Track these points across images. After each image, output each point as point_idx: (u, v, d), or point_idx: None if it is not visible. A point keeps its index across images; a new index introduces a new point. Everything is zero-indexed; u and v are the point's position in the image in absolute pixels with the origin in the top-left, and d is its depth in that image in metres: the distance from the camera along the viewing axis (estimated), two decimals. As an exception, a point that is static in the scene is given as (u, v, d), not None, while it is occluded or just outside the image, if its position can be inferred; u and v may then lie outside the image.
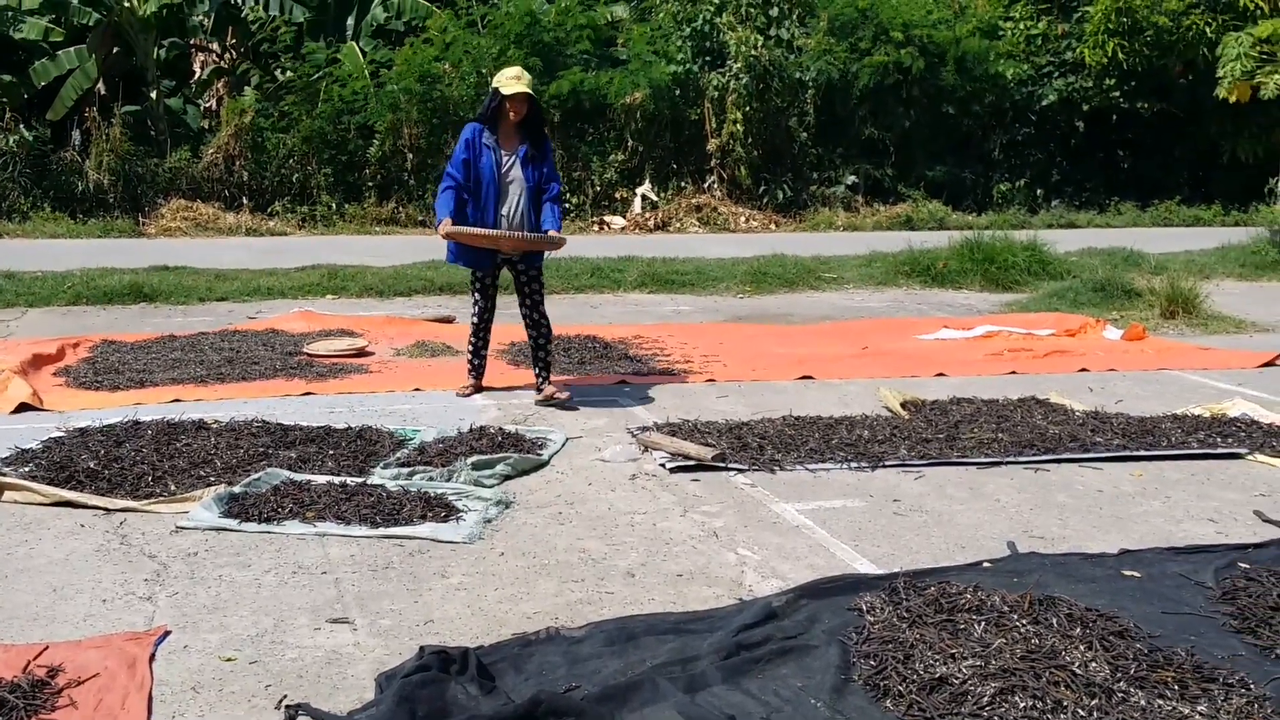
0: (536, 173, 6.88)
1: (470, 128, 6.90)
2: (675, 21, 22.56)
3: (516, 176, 6.84)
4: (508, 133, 6.88)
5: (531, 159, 6.87)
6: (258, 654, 3.66)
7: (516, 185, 6.84)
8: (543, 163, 6.93)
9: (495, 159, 6.80)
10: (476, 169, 6.77)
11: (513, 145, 6.88)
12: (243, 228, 19.13)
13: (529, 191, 6.85)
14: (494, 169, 6.78)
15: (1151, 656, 3.52)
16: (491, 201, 6.79)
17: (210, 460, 5.58)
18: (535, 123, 6.89)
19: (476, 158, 6.79)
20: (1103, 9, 22.81)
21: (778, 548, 4.66)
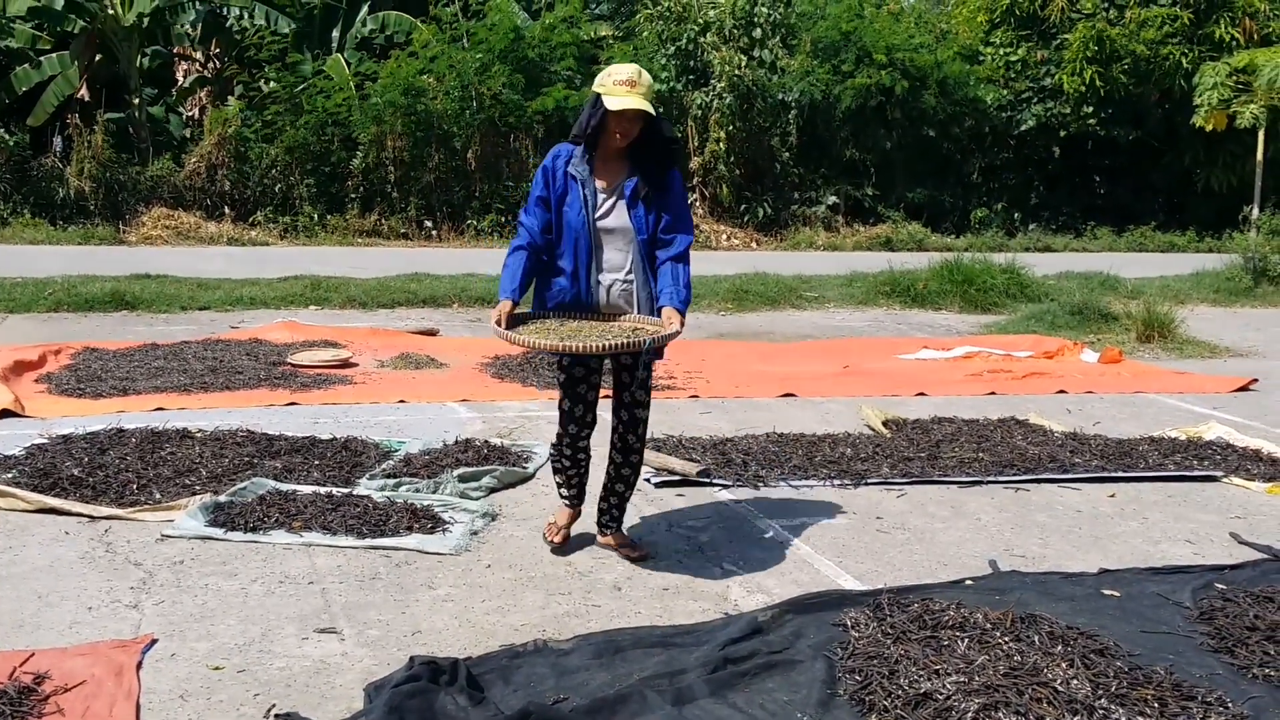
0: (653, 217, 4.54)
1: (553, 153, 4.60)
2: (659, 40, 22.68)
3: (620, 223, 4.50)
4: (610, 158, 4.55)
5: (644, 196, 4.52)
6: (245, 663, 3.67)
7: (621, 237, 4.51)
8: (663, 201, 4.56)
9: (587, 197, 4.48)
10: (559, 213, 4.51)
11: (616, 176, 4.54)
12: (224, 237, 19.09)
13: (640, 245, 4.51)
14: (585, 212, 4.47)
15: (1131, 675, 3.56)
16: (583, 262, 4.51)
17: (195, 469, 5.59)
18: (655, 145, 4.53)
19: (559, 196, 4.52)
20: (1081, 37, 23.07)
21: (762, 563, 4.70)
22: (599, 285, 4.57)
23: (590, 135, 4.51)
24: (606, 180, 4.57)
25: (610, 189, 4.57)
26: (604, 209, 4.55)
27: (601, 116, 4.42)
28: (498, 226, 21.25)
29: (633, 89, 4.39)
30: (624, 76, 4.39)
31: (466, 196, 21.43)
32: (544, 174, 4.59)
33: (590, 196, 4.52)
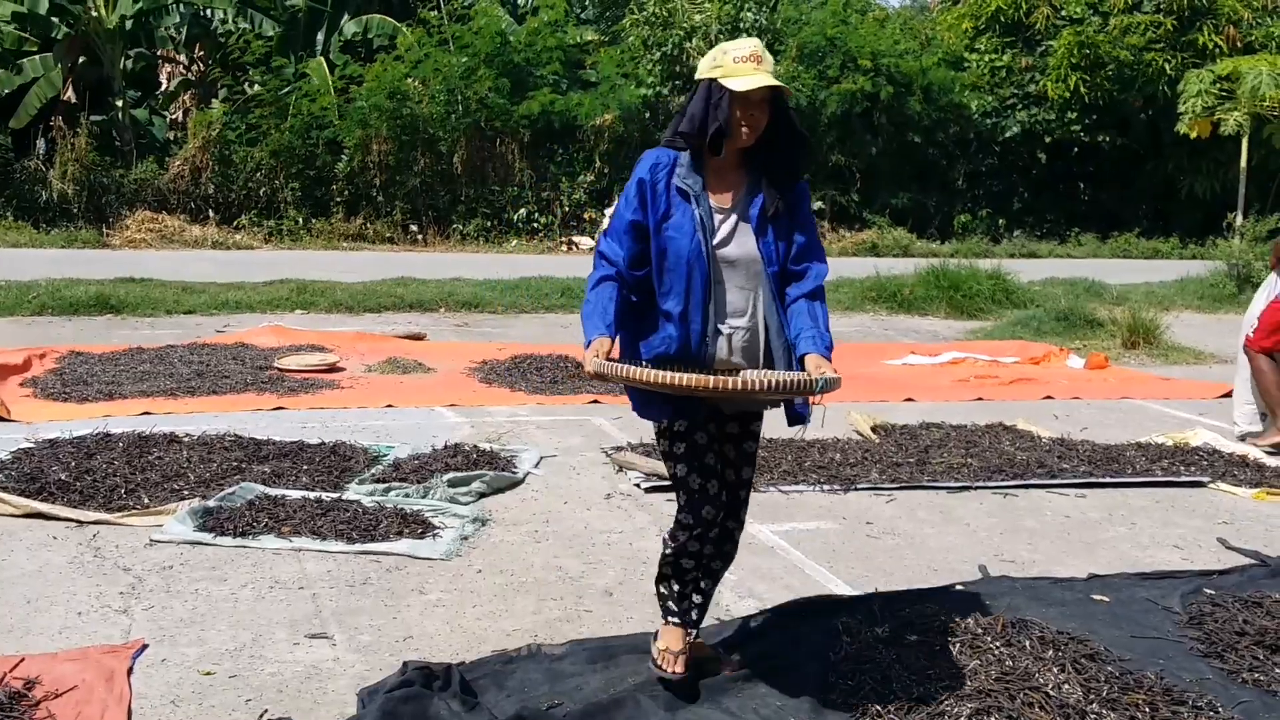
0: (783, 244, 3.48)
1: (649, 161, 3.47)
2: (645, 45, 22.72)
3: (745, 253, 3.44)
4: (726, 166, 3.47)
5: (774, 216, 3.46)
6: (237, 668, 3.65)
7: (745, 270, 3.44)
8: (793, 222, 3.51)
9: (702, 218, 3.39)
10: (662, 239, 3.40)
11: (734, 190, 3.48)
12: (208, 240, 19.05)
13: (771, 281, 3.45)
14: (700, 238, 3.38)
15: (1122, 679, 3.58)
16: (696, 303, 3.40)
17: (183, 473, 5.56)
18: (780, 145, 3.47)
19: (661, 218, 3.41)
20: (1066, 43, 23.20)
21: (753, 568, 4.70)
22: (718, 334, 3.42)
23: (705, 133, 3.36)
24: (723, 196, 3.46)
25: (729, 207, 3.45)
26: (723, 234, 3.43)
27: (725, 104, 3.33)
28: (483, 230, 21.25)
29: (760, 66, 3.34)
30: (746, 51, 3.36)
31: (452, 200, 21.43)
32: (640, 190, 3.42)
33: (706, 217, 3.40)
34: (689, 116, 3.43)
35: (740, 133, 3.37)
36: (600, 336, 3.26)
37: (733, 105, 3.33)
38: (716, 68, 3.37)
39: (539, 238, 21.38)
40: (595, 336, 3.27)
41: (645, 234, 3.41)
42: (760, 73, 3.33)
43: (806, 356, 3.36)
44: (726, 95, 3.32)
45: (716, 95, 3.34)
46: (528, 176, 21.78)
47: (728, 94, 3.32)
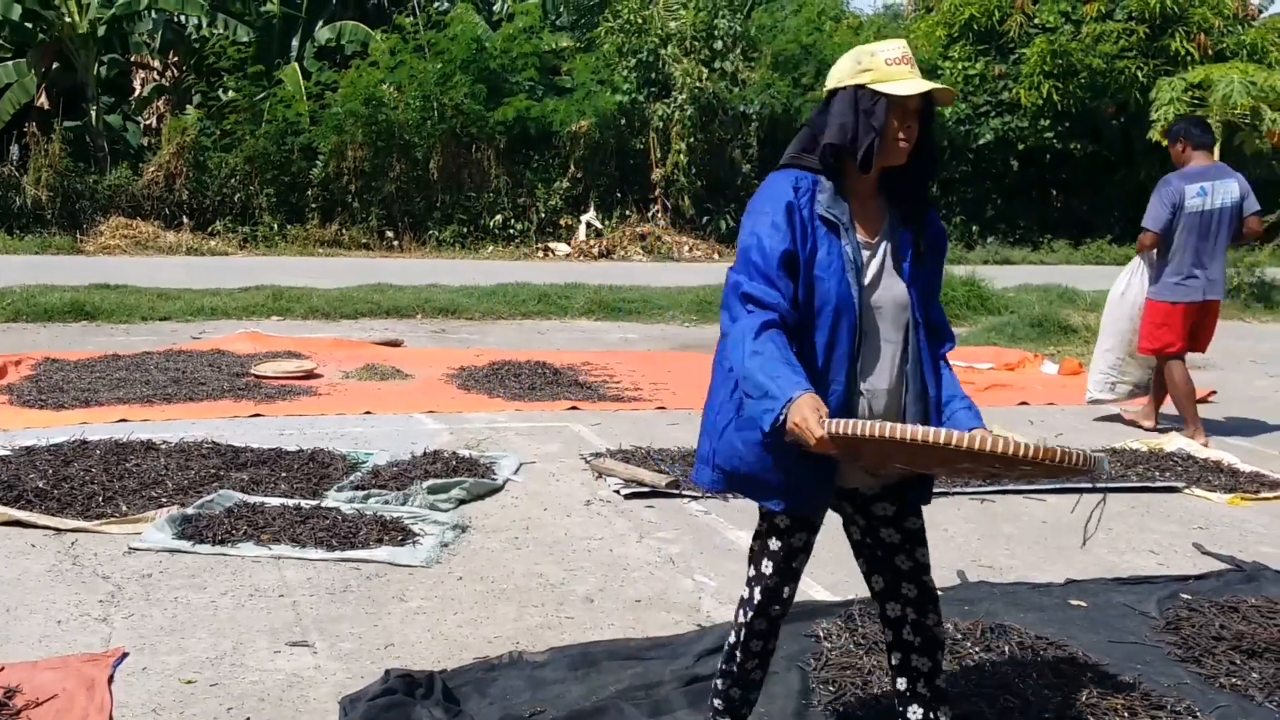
0: (920, 289, 3.01)
1: (786, 182, 2.94)
2: (620, 52, 22.76)
3: (894, 298, 2.96)
4: (866, 194, 2.99)
5: (921, 254, 3.01)
6: (218, 676, 3.65)
7: (893, 319, 2.96)
8: (934, 262, 3.07)
9: (850, 255, 2.89)
10: (810, 277, 2.88)
11: (878, 222, 3.00)
12: (183, 247, 18.97)
13: (918, 331, 2.99)
14: (850, 280, 2.88)
15: (1101, 685, 3.61)
16: (842, 357, 2.89)
17: (161, 481, 5.54)
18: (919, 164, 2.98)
19: (810, 252, 2.89)
20: (1039, 51, 23.35)
21: (733, 574, 4.71)
22: (861, 395, 2.91)
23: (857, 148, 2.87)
24: (866, 228, 2.96)
25: (874, 242, 2.96)
26: (871, 275, 2.93)
27: (881, 111, 2.85)
28: (459, 237, 21.23)
29: (914, 69, 2.92)
30: (899, 52, 2.92)
31: (428, 207, 21.41)
32: (789, 213, 2.87)
33: (854, 254, 2.89)
34: (838, 127, 2.89)
35: (897, 147, 2.89)
36: (804, 392, 2.66)
37: (888, 115, 2.86)
38: (864, 71, 2.90)
39: (515, 244, 21.38)
40: (796, 394, 2.65)
41: (798, 269, 2.86)
42: (916, 76, 2.91)
43: (973, 433, 2.72)
44: (882, 103, 2.86)
45: (868, 103, 2.87)
46: (504, 183, 21.79)
47: (883, 101, 2.86)
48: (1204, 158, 7.34)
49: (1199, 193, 7.16)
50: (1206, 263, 7.21)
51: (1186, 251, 7.18)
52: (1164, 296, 7.29)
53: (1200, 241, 7.17)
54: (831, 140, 2.89)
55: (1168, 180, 7.29)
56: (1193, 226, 7.17)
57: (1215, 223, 7.19)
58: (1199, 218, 7.16)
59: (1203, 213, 7.16)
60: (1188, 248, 7.18)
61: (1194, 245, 7.17)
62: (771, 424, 2.68)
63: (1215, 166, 7.37)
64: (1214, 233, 7.20)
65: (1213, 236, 7.20)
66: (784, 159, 3.02)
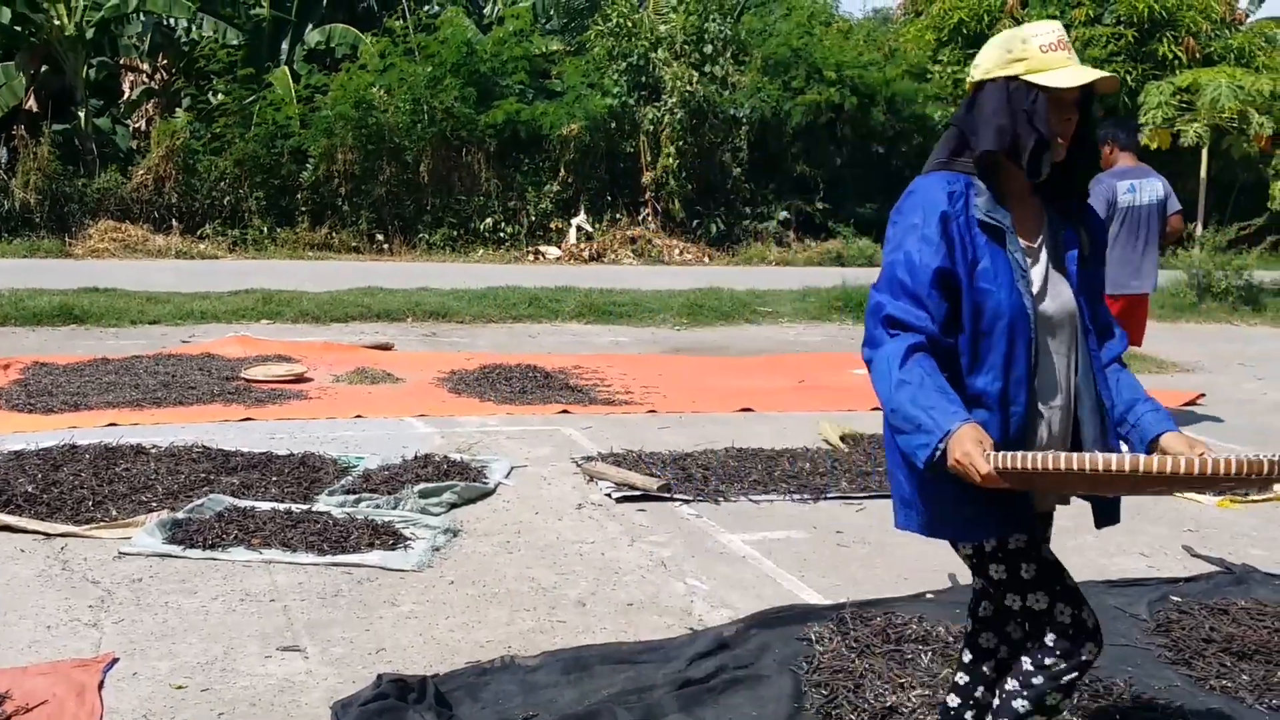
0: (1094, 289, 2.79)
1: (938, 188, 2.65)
2: (610, 56, 22.75)
3: (1062, 307, 2.70)
4: (1022, 195, 2.72)
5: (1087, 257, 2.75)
6: (209, 681, 3.64)
7: (1064, 330, 2.70)
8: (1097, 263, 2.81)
9: (1017, 261, 2.64)
10: (976, 294, 2.61)
11: (1036, 224, 2.74)
12: (172, 250, 18.92)
13: (1088, 342, 2.74)
14: (1020, 289, 2.62)
15: (1092, 686, 3.62)
16: (1020, 375, 2.62)
17: (151, 485, 5.53)
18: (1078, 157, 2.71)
19: (971, 264, 2.61)
20: (1029, 55, 23.37)
21: (725, 578, 4.72)
22: (1041, 417, 2.67)
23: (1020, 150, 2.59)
24: (1026, 232, 2.70)
25: (1036, 247, 2.70)
26: (1037, 284, 2.66)
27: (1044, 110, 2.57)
28: (450, 240, 21.21)
29: (1071, 54, 2.62)
30: (1054, 36, 2.61)
31: (418, 210, 21.38)
32: (943, 224, 2.59)
33: (1021, 261, 2.63)
34: (994, 130, 2.60)
35: (1056, 144, 2.61)
36: (962, 423, 2.42)
37: (1049, 108, 2.58)
38: (1017, 61, 2.60)
39: (506, 247, 21.36)
40: (954, 425, 2.41)
41: (954, 287, 2.58)
42: (1075, 63, 2.61)
43: (1163, 436, 2.63)
44: (1042, 98, 2.57)
45: (1026, 99, 2.58)
46: (494, 186, 21.76)
47: (1042, 96, 2.57)
48: (1130, 159, 7.73)
49: (1129, 189, 7.55)
50: (1135, 257, 7.57)
51: (1116, 246, 7.46)
52: None
53: (1130, 236, 7.54)
54: (988, 146, 2.60)
55: (1099, 179, 7.54)
56: (1123, 222, 7.55)
57: (1144, 219, 7.60)
58: (1129, 213, 7.55)
59: (1132, 208, 7.55)
60: (1118, 242, 7.50)
61: (1123, 240, 7.53)
62: (927, 460, 2.44)
63: (1140, 167, 7.76)
64: (1142, 228, 7.60)
65: (1141, 232, 7.59)
66: (931, 164, 2.73)
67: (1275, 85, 18.94)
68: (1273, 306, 15.77)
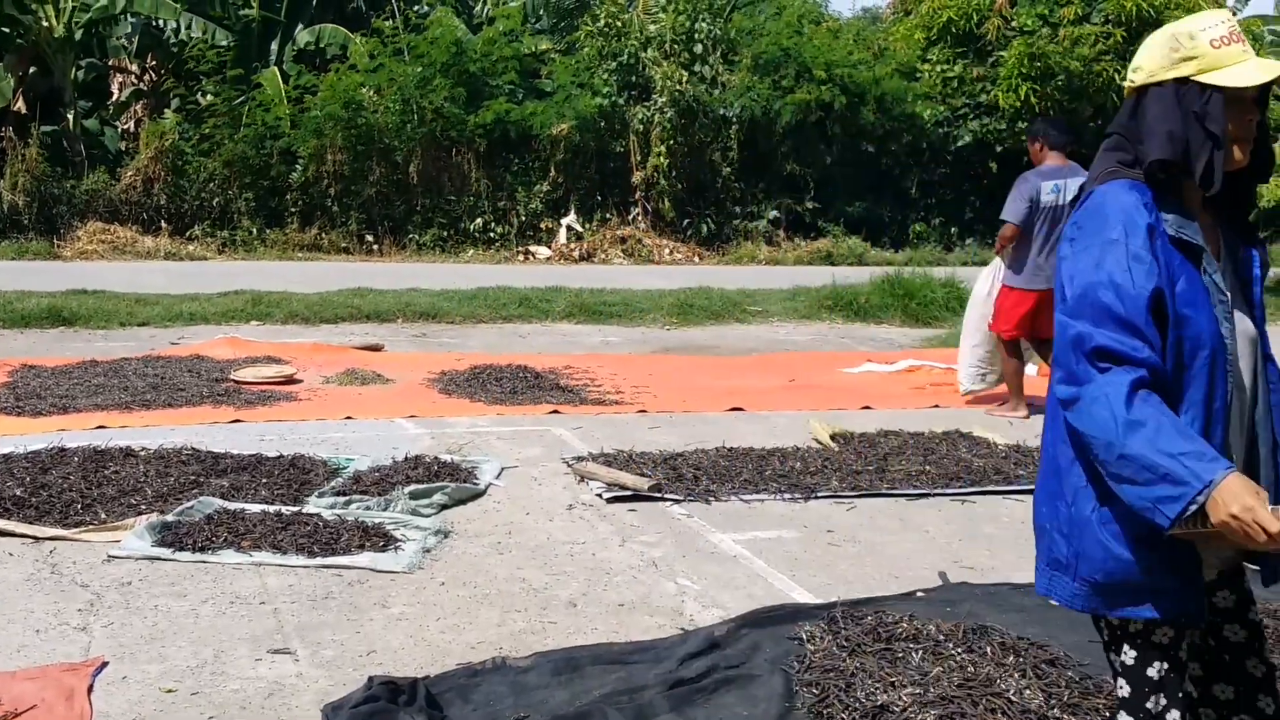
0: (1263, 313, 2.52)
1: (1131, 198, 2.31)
2: (600, 55, 22.74)
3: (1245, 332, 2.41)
4: (1198, 206, 2.40)
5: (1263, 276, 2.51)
6: (199, 685, 3.63)
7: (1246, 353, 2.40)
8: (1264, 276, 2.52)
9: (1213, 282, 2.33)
10: (1179, 316, 2.29)
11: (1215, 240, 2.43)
12: (161, 251, 18.89)
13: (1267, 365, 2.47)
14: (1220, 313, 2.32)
15: (1082, 684, 3.62)
16: (1219, 411, 2.32)
17: (140, 488, 5.51)
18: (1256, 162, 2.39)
19: (1170, 282, 2.28)
20: (1017, 54, 23.43)
21: (716, 577, 4.72)
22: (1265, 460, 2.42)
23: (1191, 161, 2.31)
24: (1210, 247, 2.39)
25: (1219, 266, 2.39)
26: (1230, 299, 2.37)
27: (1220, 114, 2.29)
28: (440, 240, 21.18)
29: (1246, 47, 2.32)
30: (1224, 29, 2.31)
31: (408, 211, 21.36)
32: (1150, 237, 2.29)
33: (1220, 284, 2.35)
34: (1164, 137, 2.31)
35: (1233, 150, 2.32)
36: (1227, 472, 2.11)
37: (1226, 111, 2.29)
38: (1186, 60, 2.31)
39: (496, 247, 21.34)
40: (1218, 475, 2.11)
41: (1164, 312, 2.28)
42: (1251, 56, 2.31)
43: None
44: (1217, 99, 2.28)
45: (1198, 101, 2.29)
46: (484, 186, 21.74)
47: (1217, 97, 2.28)
48: (1058, 158, 7.91)
49: (1053, 189, 7.74)
50: (1052, 256, 7.70)
51: (1040, 243, 7.76)
52: (1020, 284, 7.88)
53: (1052, 234, 7.71)
54: (1160, 155, 2.30)
55: (1026, 177, 7.86)
56: (1046, 220, 7.75)
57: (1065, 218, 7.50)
58: (1052, 212, 7.73)
59: (1055, 208, 7.71)
60: (1040, 239, 7.76)
61: (1046, 237, 7.74)
62: (1177, 516, 2.10)
63: (1069, 166, 7.90)
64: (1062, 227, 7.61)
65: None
66: (1101, 174, 2.40)
67: (1263, 83, 19.00)
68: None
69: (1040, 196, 7.73)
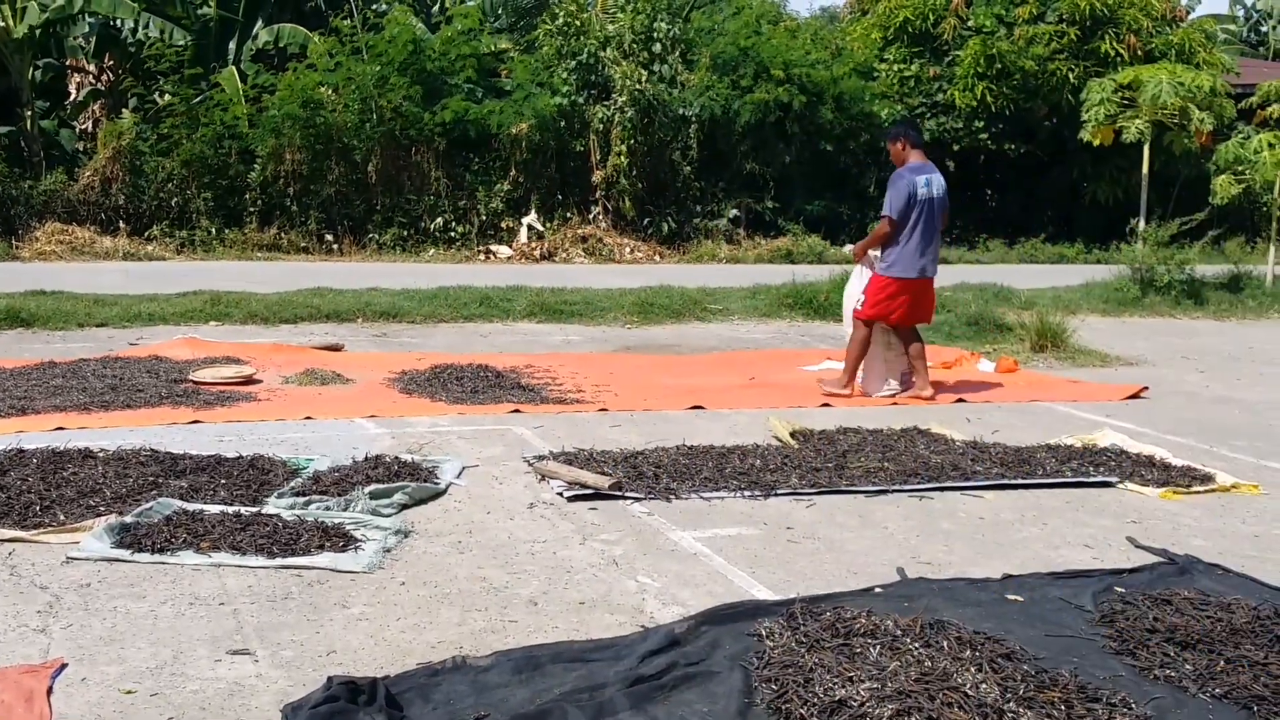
0: None
1: None
2: (559, 54, 22.74)
3: None
4: None
5: None
6: (158, 686, 3.62)
7: None
8: None
9: None
10: None
11: None
12: (120, 252, 18.74)
13: None
14: None
15: (1038, 678, 3.67)
16: None
17: (99, 489, 5.47)
18: None
19: None
20: (972, 53, 23.64)
21: (677, 575, 4.75)
22: None
23: None
24: None
25: None
26: None
27: None
28: (400, 240, 21.12)
29: None
30: None
31: (368, 210, 21.28)
32: None
33: None
34: None
35: None
36: None
37: None
38: None
39: (456, 246, 21.30)
40: None
41: None
42: None
43: None
44: None
45: None
46: (444, 185, 21.70)
47: None
48: (919, 156, 8.55)
49: (925, 184, 8.37)
50: (926, 246, 8.47)
51: (914, 235, 8.37)
52: (894, 273, 8.48)
53: (925, 226, 8.37)
54: None
55: (900, 174, 8.44)
56: (921, 213, 8.36)
57: (935, 211, 8.47)
58: (925, 205, 8.35)
59: (928, 200, 8.36)
60: (916, 231, 8.36)
61: (920, 229, 8.37)
62: None
63: (929, 164, 8.57)
64: (935, 219, 8.50)
65: (935, 223, 8.50)
66: None
67: (1215, 81, 19.25)
68: (1215, 300, 16.03)
69: (917, 190, 8.30)
